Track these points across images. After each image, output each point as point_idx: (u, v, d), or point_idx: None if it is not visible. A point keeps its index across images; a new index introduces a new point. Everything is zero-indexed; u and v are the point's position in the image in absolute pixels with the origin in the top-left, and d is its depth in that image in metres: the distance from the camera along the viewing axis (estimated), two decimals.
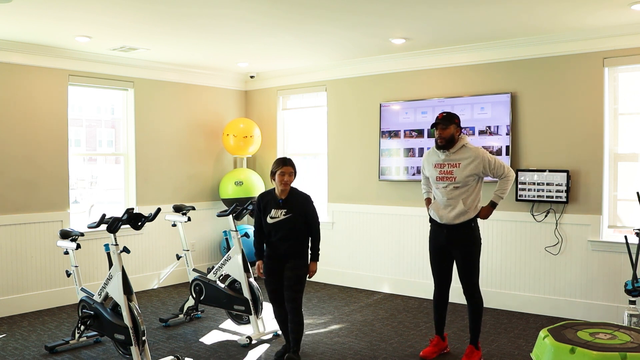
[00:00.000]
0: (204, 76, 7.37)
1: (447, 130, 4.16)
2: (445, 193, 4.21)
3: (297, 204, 4.22)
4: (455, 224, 4.18)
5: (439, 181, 4.24)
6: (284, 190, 4.22)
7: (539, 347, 2.94)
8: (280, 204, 4.22)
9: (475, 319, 4.25)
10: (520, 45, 5.58)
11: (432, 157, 4.34)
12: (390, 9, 4.57)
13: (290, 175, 4.21)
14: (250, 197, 7.15)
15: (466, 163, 4.14)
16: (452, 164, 4.18)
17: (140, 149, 6.74)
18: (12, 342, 4.83)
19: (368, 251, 6.76)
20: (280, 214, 4.21)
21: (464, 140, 4.24)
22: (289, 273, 4.21)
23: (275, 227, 4.23)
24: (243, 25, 5.06)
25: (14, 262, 5.70)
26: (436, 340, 4.46)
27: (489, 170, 4.17)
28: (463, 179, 4.15)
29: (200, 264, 7.29)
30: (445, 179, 4.20)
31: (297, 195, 4.27)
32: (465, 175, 4.14)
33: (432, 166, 4.30)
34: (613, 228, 5.31)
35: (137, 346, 3.99)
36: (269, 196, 4.31)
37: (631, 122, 5.29)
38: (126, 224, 4.15)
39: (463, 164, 4.15)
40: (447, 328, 5.10)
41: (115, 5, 4.38)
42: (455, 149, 4.20)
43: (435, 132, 4.21)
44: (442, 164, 4.23)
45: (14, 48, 5.57)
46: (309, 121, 7.59)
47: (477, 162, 4.13)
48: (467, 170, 4.13)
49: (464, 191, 4.16)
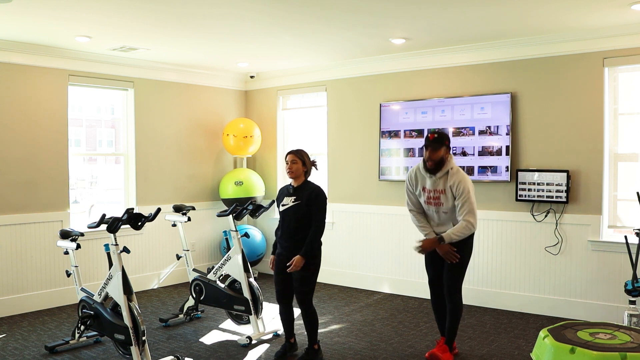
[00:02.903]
0: (204, 76, 7.37)
1: (437, 152, 4.12)
2: (435, 216, 4.27)
3: (307, 193, 4.23)
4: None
5: (428, 205, 4.27)
6: (294, 179, 4.27)
7: (539, 347, 2.94)
8: (291, 192, 4.27)
9: (453, 321, 4.25)
10: (520, 45, 5.58)
11: (419, 178, 4.29)
12: (390, 9, 4.57)
13: (294, 162, 4.23)
14: (250, 197, 7.15)
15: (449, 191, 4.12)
16: (439, 190, 4.17)
17: (140, 149, 6.74)
18: (12, 342, 4.83)
19: (368, 251, 6.76)
20: (290, 200, 4.26)
21: (450, 163, 4.17)
22: (296, 274, 4.22)
23: (283, 214, 4.28)
24: (243, 25, 5.06)
25: (14, 262, 5.70)
26: (442, 340, 4.43)
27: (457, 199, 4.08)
28: (449, 205, 4.16)
29: (200, 264, 7.29)
30: (435, 204, 4.23)
31: (309, 186, 4.29)
32: (450, 201, 4.15)
33: (422, 189, 4.28)
34: (613, 228, 5.31)
35: (137, 346, 3.99)
36: (285, 188, 4.38)
37: (631, 122, 5.29)
38: (126, 224, 4.15)
39: (447, 190, 4.13)
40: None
41: (115, 5, 4.38)
42: (441, 174, 4.15)
43: (425, 153, 4.18)
44: (430, 190, 4.22)
45: (14, 48, 5.57)
46: (309, 121, 7.59)
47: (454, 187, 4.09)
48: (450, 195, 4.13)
49: (454, 215, 4.18)
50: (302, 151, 4.32)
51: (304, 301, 4.24)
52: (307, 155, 4.33)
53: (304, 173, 4.27)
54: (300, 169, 4.24)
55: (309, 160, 4.31)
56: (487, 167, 5.80)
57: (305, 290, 4.24)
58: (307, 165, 4.28)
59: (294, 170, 4.23)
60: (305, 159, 4.28)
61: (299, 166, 4.24)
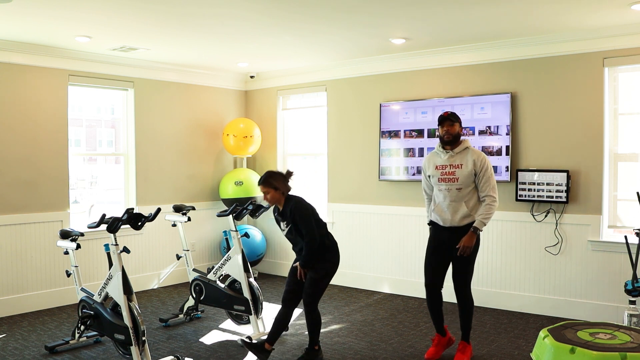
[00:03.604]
0: (204, 76, 7.37)
1: (454, 126, 4.20)
2: (447, 195, 4.21)
3: (289, 213, 4.20)
4: (461, 225, 4.17)
5: (441, 182, 4.24)
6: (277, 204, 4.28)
7: (539, 347, 2.94)
8: (280, 217, 4.30)
9: (467, 317, 4.29)
10: (520, 45, 5.58)
11: (434, 158, 4.33)
12: (390, 9, 4.57)
13: (266, 192, 4.22)
14: (250, 197, 7.15)
15: (468, 164, 4.15)
16: (455, 164, 4.19)
17: (140, 149, 6.74)
18: (12, 342, 4.83)
19: (368, 251, 6.76)
20: (284, 225, 4.30)
21: (468, 142, 4.27)
22: (307, 276, 4.26)
23: (287, 238, 4.35)
24: (243, 25, 5.06)
25: (14, 262, 5.70)
26: (437, 338, 4.45)
27: (479, 174, 4.12)
28: (465, 180, 4.14)
29: (200, 264, 7.29)
30: (448, 181, 4.20)
31: (289, 204, 4.22)
32: (466, 176, 4.14)
33: (434, 167, 4.30)
34: (613, 228, 5.31)
35: (137, 346, 3.99)
36: (275, 212, 4.39)
37: (631, 122, 5.29)
38: (126, 224, 4.15)
39: (465, 165, 4.16)
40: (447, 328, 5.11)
41: (115, 5, 4.38)
42: (459, 149, 4.21)
43: (442, 129, 4.22)
44: (444, 166, 4.23)
45: (14, 48, 5.57)
46: (309, 121, 7.59)
47: (477, 162, 4.13)
48: (469, 170, 4.14)
49: (467, 193, 4.16)
50: (268, 178, 4.23)
51: (310, 303, 4.24)
52: (275, 176, 4.24)
53: (282, 195, 4.23)
54: (274, 195, 4.21)
55: (280, 181, 4.23)
56: None
57: (312, 292, 4.24)
58: (280, 187, 4.21)
59: (270, 199, 4.24)
60: (276, 183, 4.21)
61: (272, 194, 4.21)
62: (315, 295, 4.26)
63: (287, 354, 4.54)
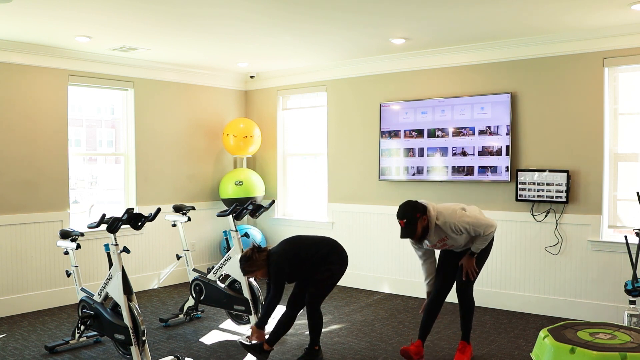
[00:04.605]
0: (204, 76, 7.37)
1: (416, 231, 4.00)
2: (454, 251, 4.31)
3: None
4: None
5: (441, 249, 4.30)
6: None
7: (539, 347, 2.94)
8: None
9: (468, 317, 4.30)
10: (520, 45, 5.58)
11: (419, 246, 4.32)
12: (390, 9, 4.57)
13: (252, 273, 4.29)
14: (250, 197, 7.15)
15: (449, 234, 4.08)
16: (440, 240, 4.16)
17: (140, 149, 6.74)
18: (12, 342, 4.83)
19: (368, 251, 6.76)
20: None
21: (432, 219, 4.02)
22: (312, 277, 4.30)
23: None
24: (243, 25, 5.06)
25: (14, 262, 5.70)
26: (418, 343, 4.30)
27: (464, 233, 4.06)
28: (459, 240, 4.14)
29: (200, 264, 7.29)
30: (446, 247, 4.25)
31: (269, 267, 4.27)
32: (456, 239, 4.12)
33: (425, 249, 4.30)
34: (613, 228, 5.31)
35: (137, 346, 3.99)
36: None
37: (631, 122, 5.29)
38: (126, 224, 4.15)
39: (447, 236, 4.10)
40: (447, 328, 5.12)
41: (115, 5, 4.38)
42: (432, 233, 4.07)
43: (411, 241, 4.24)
44: (434, 244, 4.21)
45: (14, 48, 5.57)
46: (309, 121, 7.59)
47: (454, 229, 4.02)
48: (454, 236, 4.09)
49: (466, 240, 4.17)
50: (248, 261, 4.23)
51: (312, 303, 4.26)
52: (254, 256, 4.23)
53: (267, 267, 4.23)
54: (260, 273, 4.26)
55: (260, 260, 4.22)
56: (487, 167, 5.80)
57: (315, 293, 4.26)
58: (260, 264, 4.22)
59: (260, 277, 4.32)
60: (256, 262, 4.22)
61: (257, 273, 4.27)
62: (319, 297, 4.27)
63: (287, 354, 4.54)
